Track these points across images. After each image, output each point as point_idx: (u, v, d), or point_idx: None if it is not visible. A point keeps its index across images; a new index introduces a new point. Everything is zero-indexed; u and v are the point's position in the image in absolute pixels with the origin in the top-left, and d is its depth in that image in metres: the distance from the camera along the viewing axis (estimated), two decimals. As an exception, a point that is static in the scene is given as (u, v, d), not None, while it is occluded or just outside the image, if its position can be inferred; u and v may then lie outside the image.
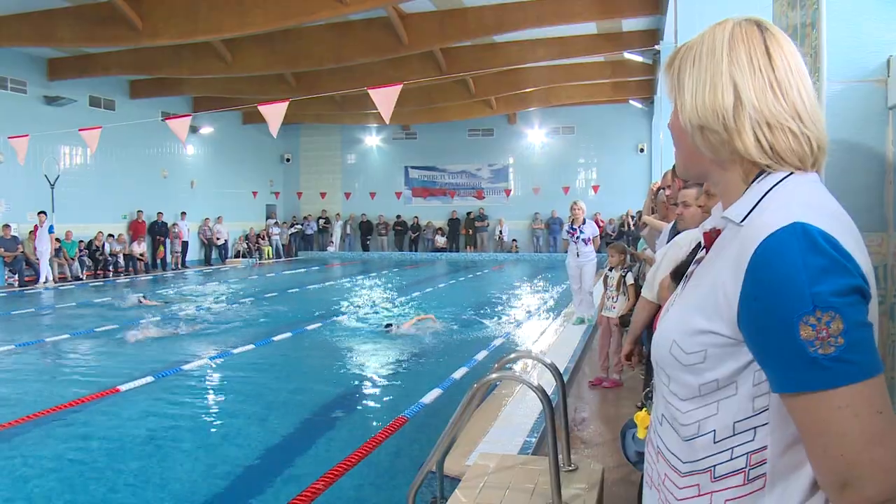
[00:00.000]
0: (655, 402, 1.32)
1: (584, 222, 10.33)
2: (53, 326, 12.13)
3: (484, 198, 29.18)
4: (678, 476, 1.21)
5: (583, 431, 5.70)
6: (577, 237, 10.30)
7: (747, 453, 1.14)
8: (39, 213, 18.69)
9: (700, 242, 1.38)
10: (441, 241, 28.58)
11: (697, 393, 1.18)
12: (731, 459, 1.15)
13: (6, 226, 18.73)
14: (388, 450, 5.64)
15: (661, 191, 5.36)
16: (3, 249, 18.67)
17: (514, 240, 28.01)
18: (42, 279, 18.82)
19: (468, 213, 28.80)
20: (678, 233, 3.89)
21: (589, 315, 10.52)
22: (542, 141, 28.46)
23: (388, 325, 11.07)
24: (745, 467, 1.15)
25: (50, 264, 19.19)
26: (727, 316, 1.12)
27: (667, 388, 1.24)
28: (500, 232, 28.19)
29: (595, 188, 27.76)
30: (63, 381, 8.19)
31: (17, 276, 18.78)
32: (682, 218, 3.77)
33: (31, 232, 19.02)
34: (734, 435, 1.14)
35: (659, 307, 3.62)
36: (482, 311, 13.62)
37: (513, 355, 4.98)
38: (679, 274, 2.03)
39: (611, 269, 7.32)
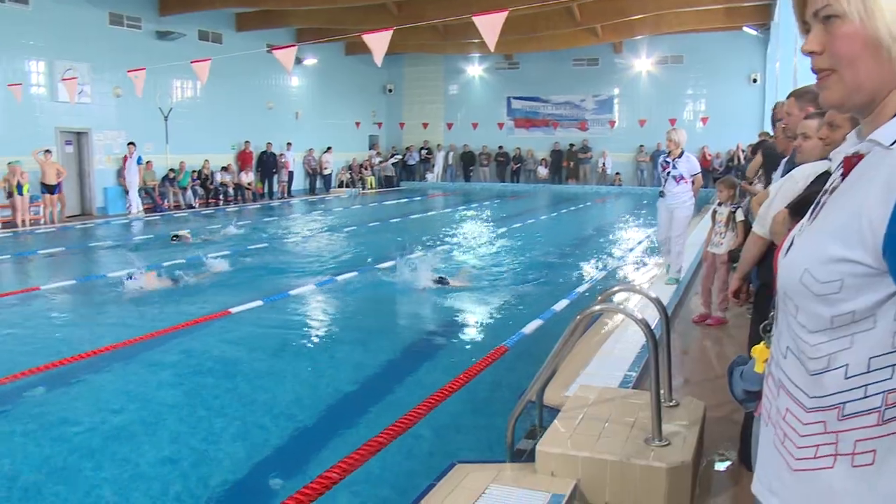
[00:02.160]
0: (778, 334, 1.26)
1: (680, 155, 8.41)
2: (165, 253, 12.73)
3: (587, 129, 28.52)
4: (802, 411, 1.16)
5: (685, 368, 5.60)
6: (668, 172, 8.41)
7: (884, 392, 1.07)
8: (129, 143, 19.21)
9: (823, 175, 1.28)
10: (543, 172, 28.23)
11: (829, 325, 1.10)
12: (865, 398, 1.08)
13: (125, 157, 19.60)
14: (488, 379, 5.72)
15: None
16: (124, 178, 19.61)
17: (617, 173, 27.38)
18: (134, 209, 19.35)
19: (571, 145, 28.26)
20: (793, 167, 3.69)
21: (676, 273, 8.66)
22: (649, 71, 27.42)
23: (441, 280, 9.40)
24: (881, 407, 1.07)
25: (140, 194, 19.83)
26: (871, 244, 1.04)
27: (794, 320, 1.17)
28: (603, 164, 27.59)
29: (704, 120, 26.67)
30: (181, 303, 8.62)
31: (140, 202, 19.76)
32: (800, 150, 3.56)
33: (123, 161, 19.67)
34: (869, 372, 1.07)
35: (771, 243, 3.47)
36: (583, 245, 13.48)
37: (616, 288, 4.91)
38: (799, 208, 1.92)
39: (720, 204, 7.08)
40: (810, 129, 3.45)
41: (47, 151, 16.96)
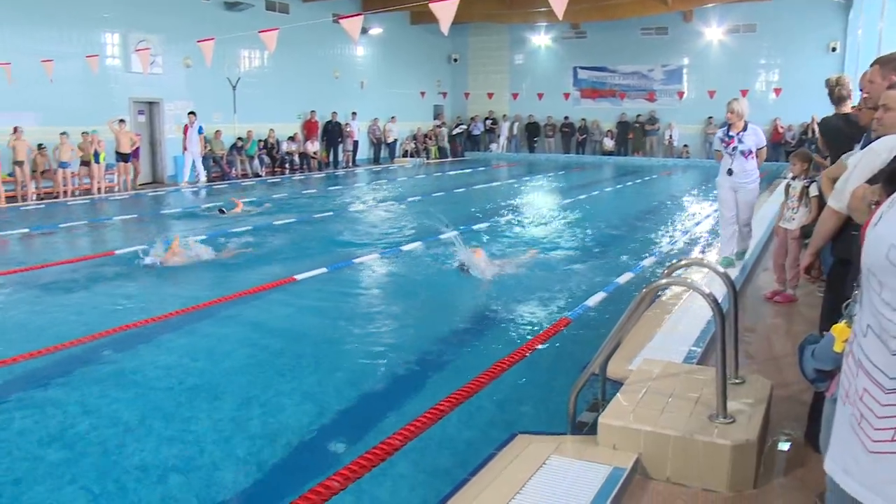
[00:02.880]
0: (860, 312, 1.22)
1: (744, 128, 7.58)
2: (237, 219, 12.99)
3: (655, 100, 27.88)
4: (881, 392, 1.12)
5: (751, 345, 5.48)
6: (734, 147, 7.61)
7: None
8: (189, 113, 19.37)
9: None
10: (609, 144, 27.78)
11: (914, 303, 1.07)
12: None
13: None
14: (550, 350, 5.71)
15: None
16: (185, 149, 20.02)
17: (685, 145, 26.76)
18: (195, 177, 19.52)
19: (638, 116, 27.70)
20: (871, 140, 3.54)
21: (740, 250, 7.99)
22: (720, 40, 26.57)
23: (462, 266, 8.45)
24: None
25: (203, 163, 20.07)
26: None
27: (877, 297, 1.13)
28: (670, 136, 26.98)
29: (776, 91, 25.77)
30: (247, 270, 8.80)
31: (205, 172, 20.16)
32: (881, 122, 3.41)
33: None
34: None
35: (847, 218, 3.36)
36: (648, 218, 13.27)
37: (684, 262, 4.82)
38: (893, 179, 1.85)
39: (793, 178, 6.86)
40: (893, 100, 3.30)
41: (121, 121, 17.44)
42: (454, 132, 29.75)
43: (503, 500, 3.14)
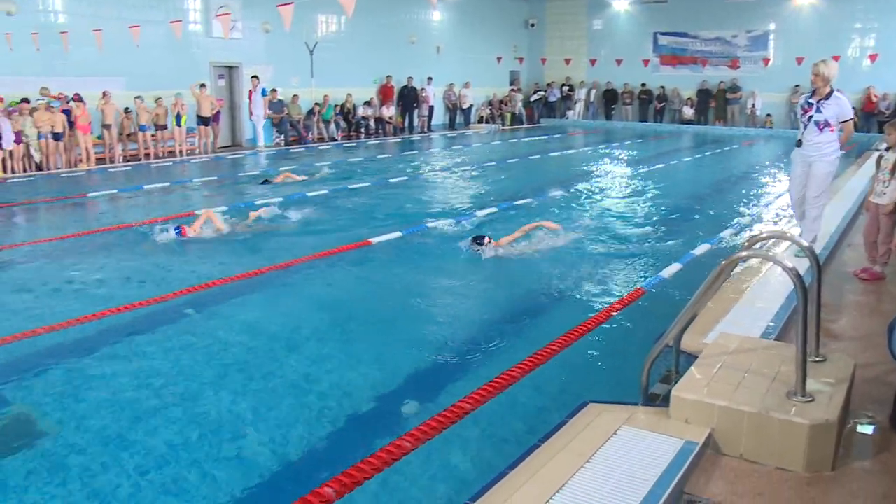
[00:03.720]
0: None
1: (828, 96, 6.62)
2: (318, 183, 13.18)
3: (739, 67, 26.88)
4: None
5: (835, 323, 5.31)
6: (809, 116, 6.68)
7: None
8: (252, 77, 19.46)
9: None
10: (688, 112, 27.01)
11: None
12: None
13: (273, 90, 20.30)
14: (623, 320, 5.66)
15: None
16: (271, 111, 20.36)
17: (768, 114, 25.75)
18: (261, 143, 19.76)
19: (720, 84, 26.78)
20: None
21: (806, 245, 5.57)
22: (811, 3, 25.38)
23: (478, 240, 7.86)
24: None
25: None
26: None
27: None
28: (753, 105, 26.03)
29: (872, 57, 24.51)
30: (323, 232, 8.96)
31: (282, 136, 20.51)
32: None
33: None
34: None
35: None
36: (727, 189, 12.92)
37: (765, 234, 4.69)
38: None
39: (887, 149, 6.53)
40: None
41: (202, 85, 17.83)
42: (530, 99, 29.40)
43: (573, 468, 3.15)
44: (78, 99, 15.42)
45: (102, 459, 3.65)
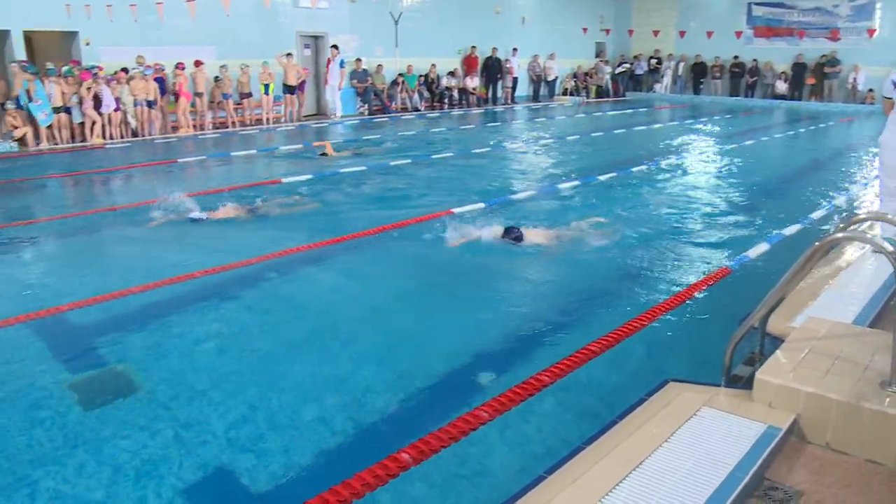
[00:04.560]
0: None
1: None
2: (388, 153, 13.28)
3: (839, 39, 25.56)
4: None
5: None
6: None
7: None
8: (332, 46, 19.43)
9: None
10: (782, 87, 25.93)
11: None
12: None
13: (358, 59, 20.45)
14: (707, 300, 5.54)
15: None
16: (355, 81, 20.55)
17: (870, 90, 24.41)
18: (338, 113, 19.78)
19: (822, 57, 25.48)
20: None
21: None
22: (924, -31, 23.92)
23: (512, 232, 7.09)
24: None
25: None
26: None
27: None
28: (854, 79, 24.75)
29: None
30: (406, 200, 9.04)
31: (366, 105, 20.69)
32: None
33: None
34: None
35: None
36: (820, 168, 12.43)
37: (863, 215, 4.49)
38: None
39: None
40: None
41: (288, 55, 18.10)
42: (616, 71, 28.79)
43: (650, 446, 3.12)
44: (182, 68, 15.92)
45: (188, 416, 3.81)
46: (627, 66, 29.04)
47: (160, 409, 3.88)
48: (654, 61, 28.89)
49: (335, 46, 19.29)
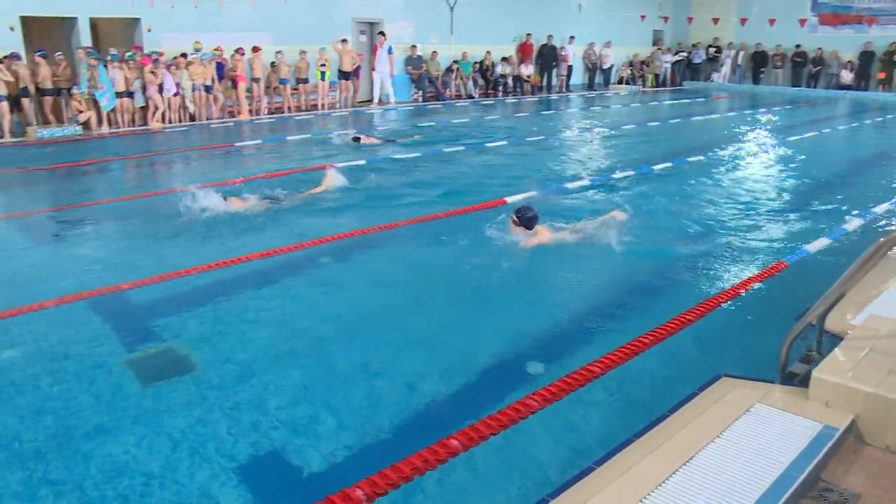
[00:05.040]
0: None
1: None
2: (447, 138, 13.28)
3: (912, 26, 24.60)
4: None
5: None
6: None
7: None
8: (379, 33, 19.40)
9: None
10: (847, 77, 25.10)
11: None
12: None
13: (413, 46, 20.48)
14: (762, 294, 5.44)
15: None
16: (410, 67, 20.58)
17: (943, 80, 23.46)
18: (376, 99, 19.65)
19: (892, 44, 24.45)
20: None
21: None
22: None
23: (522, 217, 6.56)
24: None
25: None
26: None
27: None
28: (927, 69, 23.79)
29: None
30: (458, 189, 9.04)
31: (420, 92, 20.72)
32: None
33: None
34: None
35: None
36: (888, 161, 12.04)
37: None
38: None
39: None
40: None
41: (344, 41, 18.22)
42: (674, 59, 28.27)
43: (701, 441, 3.08)
44: (242, 53, 16.19)
45: (242, 394, 3.89)
46: (684, 54, 28.48)
47: (214, 387, 3.97)
48: (712, 50, 28.27)
49: (382, 33, 19.29)
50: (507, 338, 4.65)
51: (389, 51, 19.43)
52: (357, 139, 12.79)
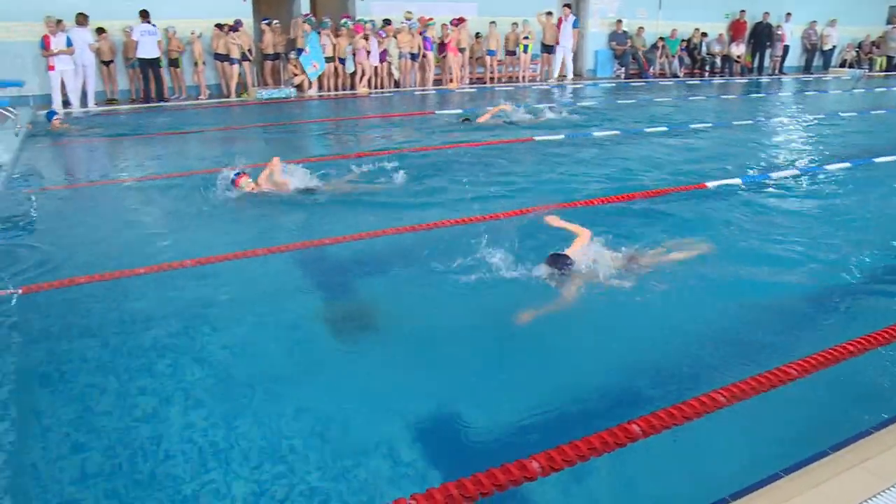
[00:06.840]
0: None
1: None
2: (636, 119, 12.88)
3: None
4: None
5: None
6: None
7: None
8: (565, 5, 18.76)
9: None
10: None
11: None
12: None
13: (618, 21, 19.95)
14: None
15: None
16: (614, 43, 20.10)
17: None
18: (555, 74, 18.95)
19: None
20: None
21: None
22: None
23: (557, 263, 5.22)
24: None
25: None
26: None
27: None
28: None
29: None
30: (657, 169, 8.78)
31: (623, 68, 20.19)
32: None
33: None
34: None
35: None
36: None
37: None
38: None
39: None
40: None
41: (548, 13, 18.09)
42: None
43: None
44: (455, 24, 16.60)
45: (426, 357, 4.04)
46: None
47: (400, 346, 4.14)
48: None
49: (568, 5, 18.82)
50: (701, 326, 4.47)
51: (575, 24, 18.83)
52: (466, 119, 12.01)
